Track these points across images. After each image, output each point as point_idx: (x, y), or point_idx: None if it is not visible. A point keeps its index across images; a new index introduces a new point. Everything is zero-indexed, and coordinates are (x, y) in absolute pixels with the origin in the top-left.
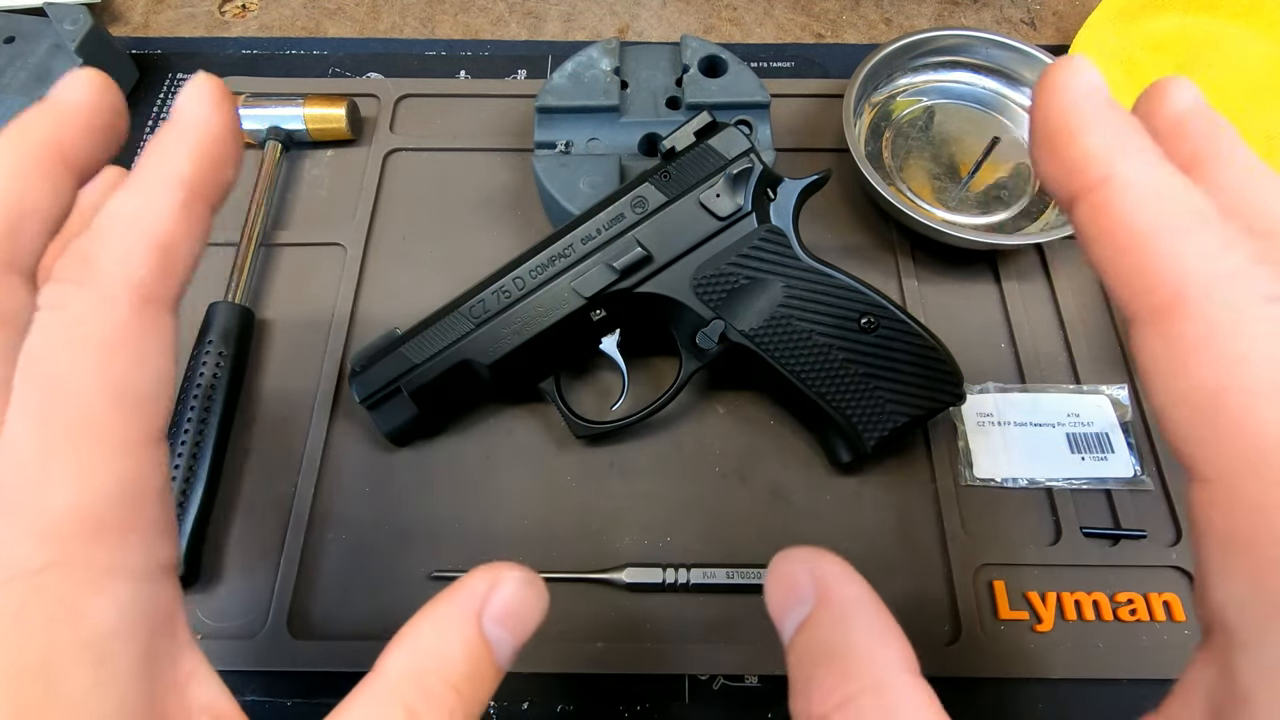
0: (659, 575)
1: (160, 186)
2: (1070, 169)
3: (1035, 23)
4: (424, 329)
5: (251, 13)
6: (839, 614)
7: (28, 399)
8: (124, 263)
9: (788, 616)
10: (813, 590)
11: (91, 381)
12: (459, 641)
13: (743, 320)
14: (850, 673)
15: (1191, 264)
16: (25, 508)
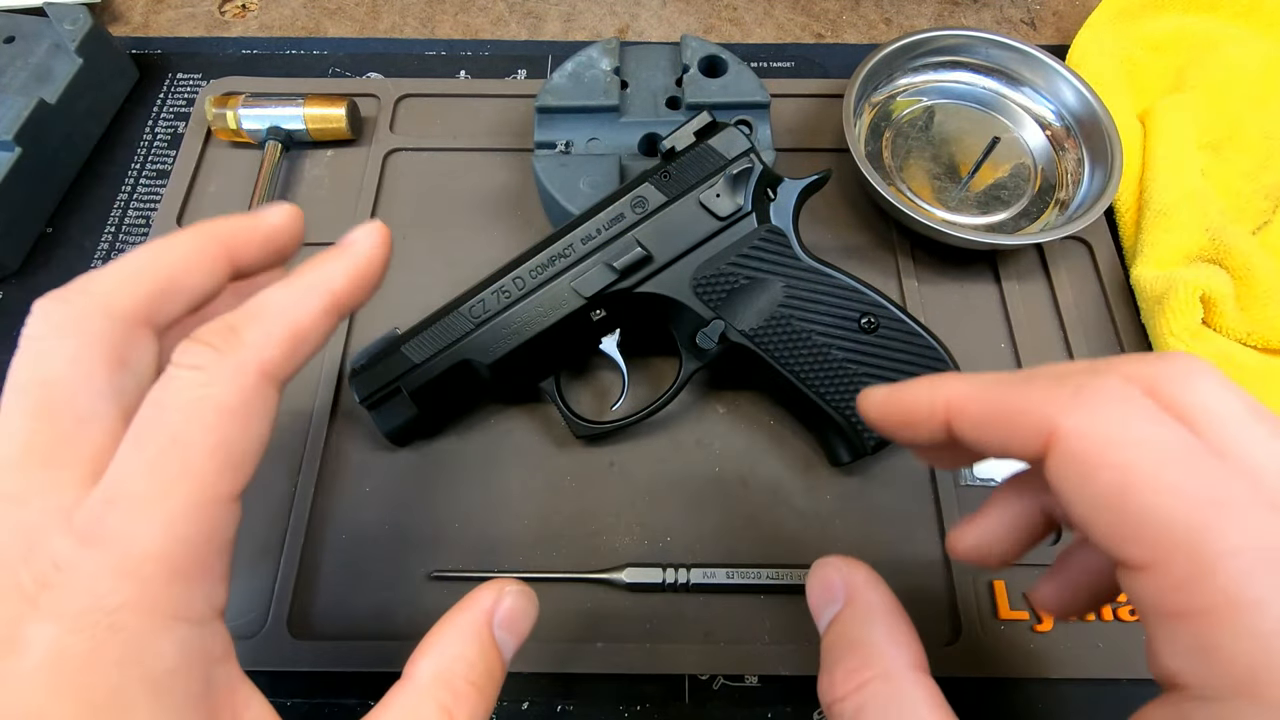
0: (659, 575)
1: (313, 291)
2: None
3: (1035, 23)
4: (424, 329)
5: (251, 13)
6: (863, 614)
7: (145, 441)
8: (263, 342)
9: (823, 612)
10: (844, 592)
11: (205, 437)
12: (476, 646)
13: (743, 320)
14: (866, 662)
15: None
16: (115, 544)
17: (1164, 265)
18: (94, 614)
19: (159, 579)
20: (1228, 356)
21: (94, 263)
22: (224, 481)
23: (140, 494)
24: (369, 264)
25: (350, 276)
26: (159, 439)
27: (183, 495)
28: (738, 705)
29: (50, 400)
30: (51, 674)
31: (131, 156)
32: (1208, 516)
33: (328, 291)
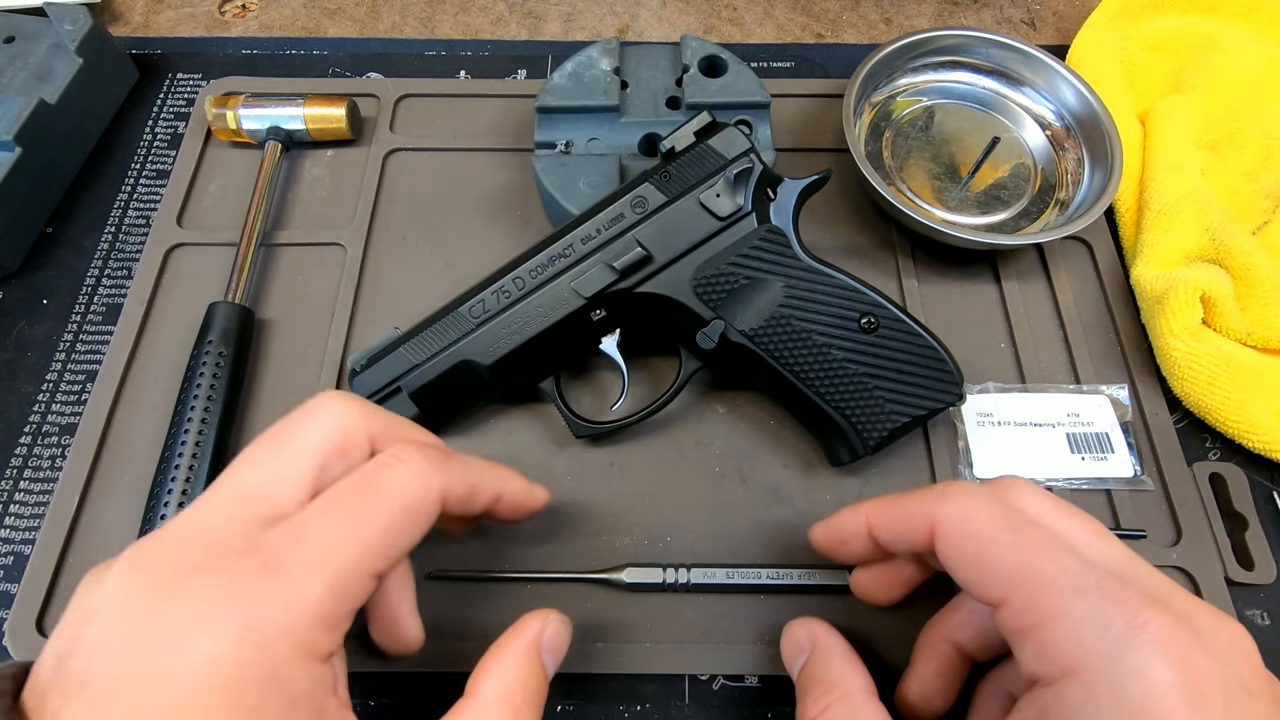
0: (659, 575)
1: (498, 478)
2: None
3: (1035, 23)
4: (424, 329)
5: (251, 13)
6: (824, 655)
7: (340, 503)
8: (457, 477)
9: (795, 662)
10: (809, 643)
11: (384, 519)
12: (529, 667)
13: (743, 320)
14: (828, 690)
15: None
16: (290, 578)
17: (1164, 265)
18: (257, 633)
19: (310, 619)
20: (1228, 356)
21: (94, 263)
22: (379, 559)
23: (324, 542)
24: (528, 500)
25: (517, 494)
26: (357, 503)
27: (350, 556)
28: (738, 705)
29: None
30: (208, 678)
31: (131, 156)
32: (1031, 559)
33: (500, 488)
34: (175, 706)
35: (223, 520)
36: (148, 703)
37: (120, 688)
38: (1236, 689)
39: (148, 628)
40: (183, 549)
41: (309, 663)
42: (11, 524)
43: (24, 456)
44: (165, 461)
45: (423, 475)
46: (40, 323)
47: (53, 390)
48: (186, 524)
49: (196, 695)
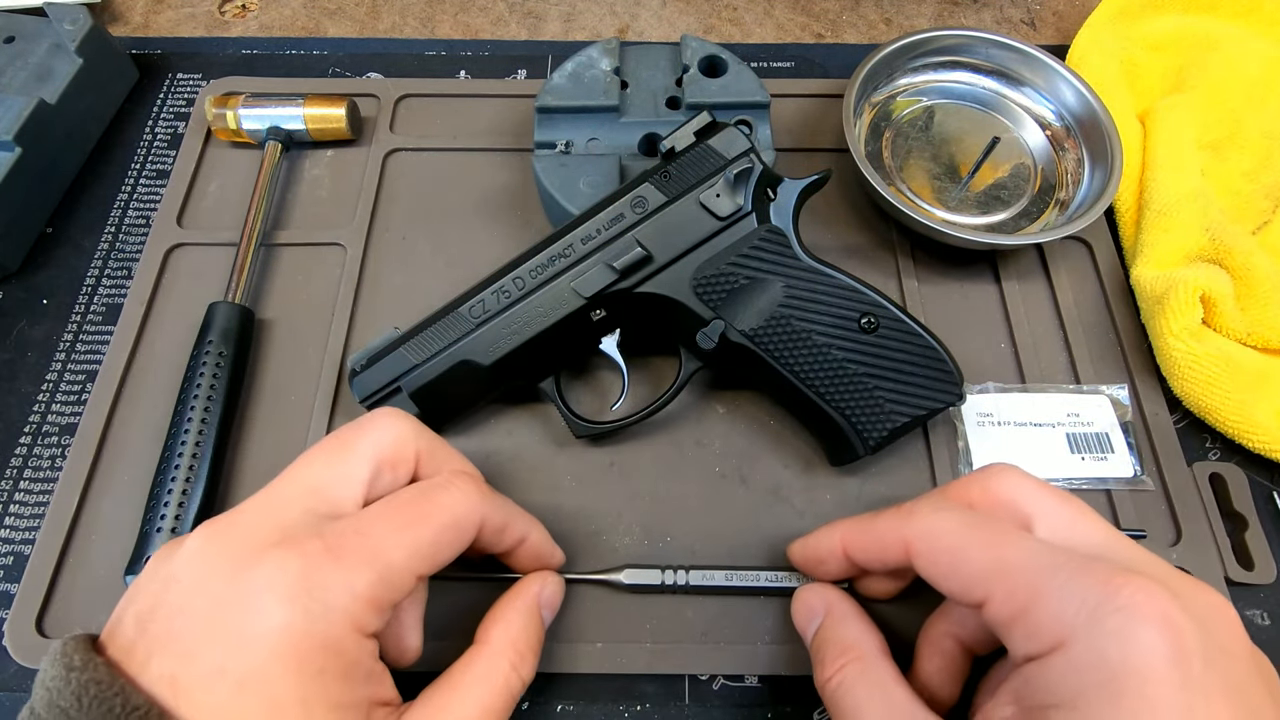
0: (658, 576)
1: (534, 530)
2: None
3: (1035, 23)
4: (424, 329)
5: (251, 13)
6: (840, 619)
7: (402, 509)
8: (494, 510)
9: (809, 626)
10: (823, 608)
11: (436, 529)
12: (531, 619)
13: (743, 320)
14: (844, 651)
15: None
16: (350, 563)
17: (1164, 265)
18: (321, 606)
19: (362, 601)
20: (1227, 356)
21: (94, 263)
22: (424, 563)
23: (382, 539)
24: (548, 554)
25: (540, 544)
26: (413, 512)
27: (402, 554)
28: (738, 705)
29: (379, 463)
30: (280, 641)
31: (131, 156)
32: (1001, 553)
33: (528, 533)
34: (253, 665)
35: (291, 509)
36: (229, 660)
37: (204, 645)
38: (1215, 650)
39: (227, 595)
40: (256, 528)
41: (359, 637)
42: (11, 524)
43: (24, 456)
44: (165, 461)
45: (472, 499)
46: (40, 323)
47: (53, 390)
48: (257, 509)
49: (271, 656)
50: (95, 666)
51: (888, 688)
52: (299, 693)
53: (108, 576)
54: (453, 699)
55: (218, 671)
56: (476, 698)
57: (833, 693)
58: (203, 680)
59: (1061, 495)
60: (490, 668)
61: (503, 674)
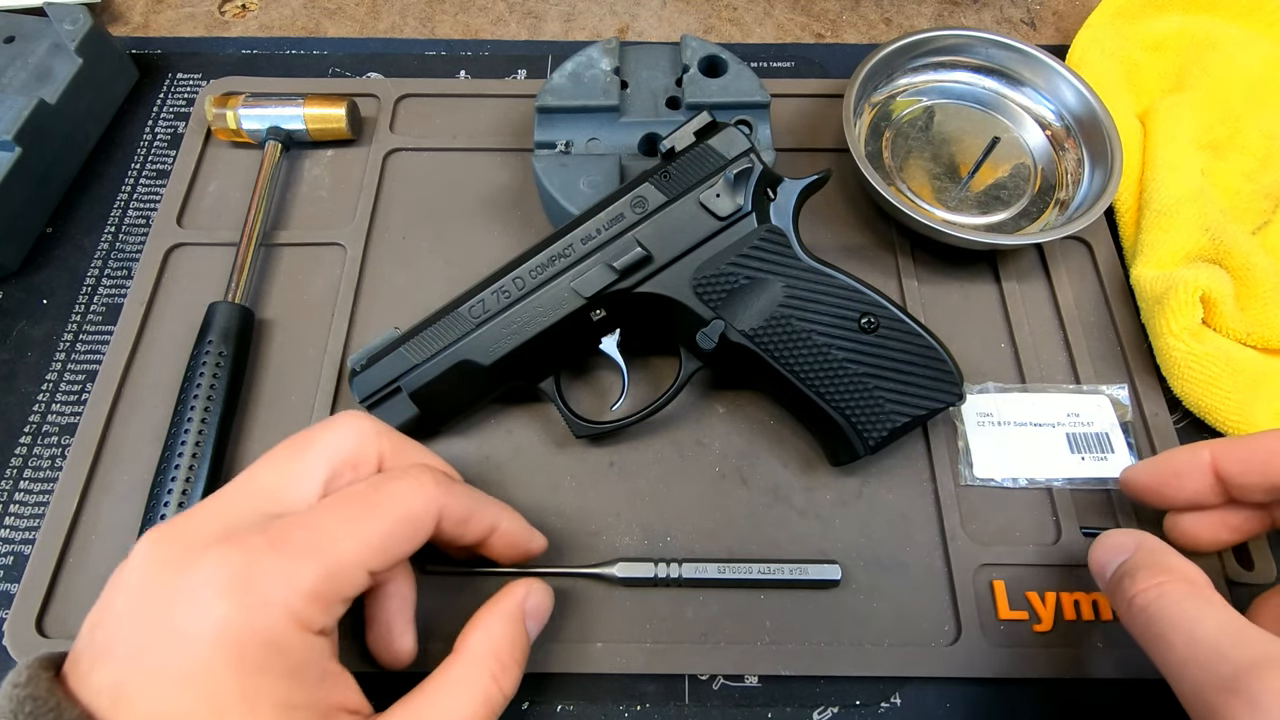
0: (650, 570)
1: (505, 517)
2: None
3: (1035, 23)
4: (424, 329)
5: (251, 13)
6: (1159, 549)
7: (351, 502)
8: (456, 500)
9: (1111, 561)
10: (1134, 544)
11: (387, 523)
12: (514, 629)
13: (743, 320)
14: (1167, 571)
15: None
16: (293, 557)
17: (1164, 265)
18: (260, 599)
19: (304, 595)
20: (1227, 356)
21: (94, 263)
22: (375, 557)
23: (328, 532)
24: (525, 541)
25: (513, 533)
26: (363, 504)
27: (350, 547)
28: (738, 705)
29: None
30: (219, 638)
31: (131, 156)
32: None
33: (497, 522)
34: (193, 662)
35: (240, 508)
36: (168, 661)
37: (143, 648)
38: None
39: (167, 594)
40: (202, 528)
41: (305, 634)
42: (11, 524)
43: (24, 456)
44: (165, 461)
45: (427, 490)
46: (40, 323)
47: (53, 390)
48: (204, 510)
49: (211, 654)
50: (37, 682)
51: (1224, 608)
52: (241, 688)
53: (107, 576)
54: (426, 711)
55: (158, 671)
56: (453, 709)
57: (1146, 606)
58: (144, 683)
59: None
60: (468, 677)
61: (481, 685)
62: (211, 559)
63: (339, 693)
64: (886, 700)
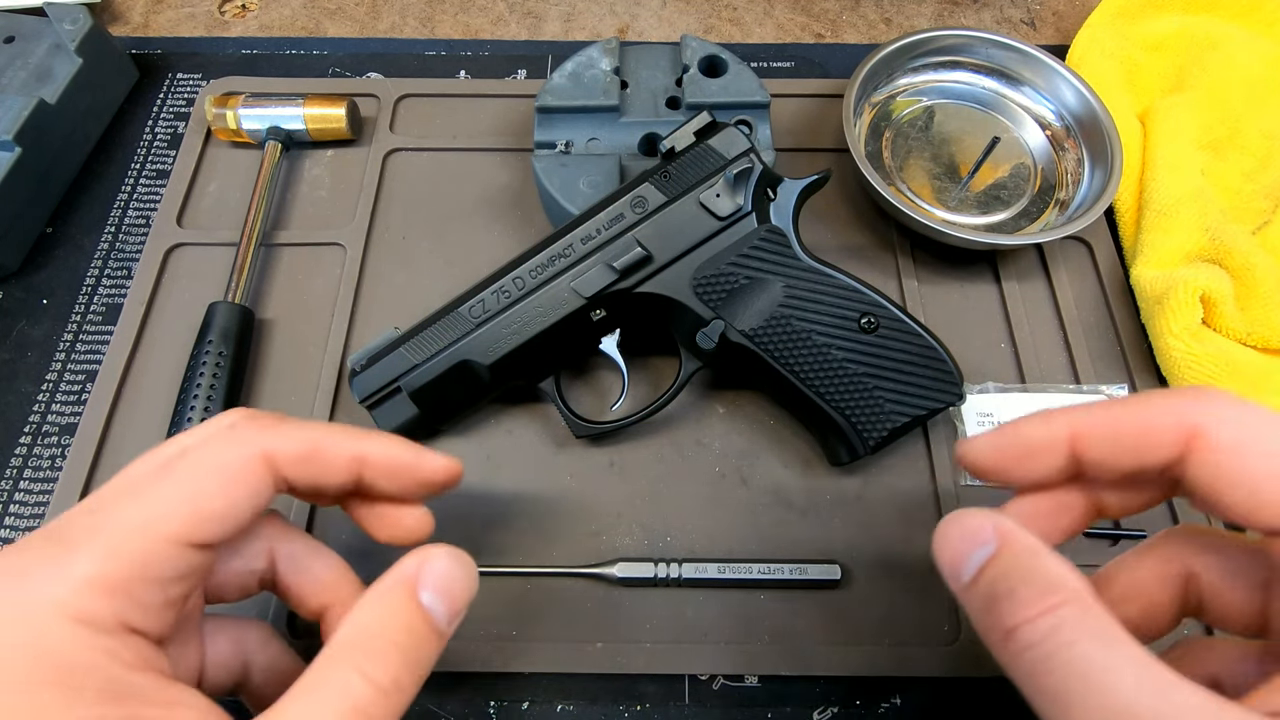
0: (650, 570)
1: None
2: None
3: (1035, 23)
4: (424, 329)
5: (251, 13)
6: (1028, 549)
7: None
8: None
9: (969, 557)
10: (995, 536)
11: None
12: (395, 609)
13: (743, 320)
14: (1052, 589)
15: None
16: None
17: (1164, 265)
18: (23, 603)
19: (79, 583)
20: (1227, 356)
21: (94, 263)
22: (184, 526)
23: (111, 510)
24: (412, 467)
25: (389, 458)
26: (153, 472)
27: (142, 519)
28: (738, 705)
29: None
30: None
31: (131, 156)
32: None
33: (360, 449)
34: None
35: (71, 513)
36: None
37: None
38: None
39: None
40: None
41: (84, 630)
42: (11, 524)
43: (24, 456)
44: None
45: (234, 436)
46: (40, 323)
47: (53, 390)
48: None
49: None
50: None
51: (1128, 644)
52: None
53: None
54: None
55: None
56: (304, 716)
57: (1034, 644)
58: None
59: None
60: (322, 675)
61: (339, 682)
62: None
63: (154, 712)
64: (886, 700)
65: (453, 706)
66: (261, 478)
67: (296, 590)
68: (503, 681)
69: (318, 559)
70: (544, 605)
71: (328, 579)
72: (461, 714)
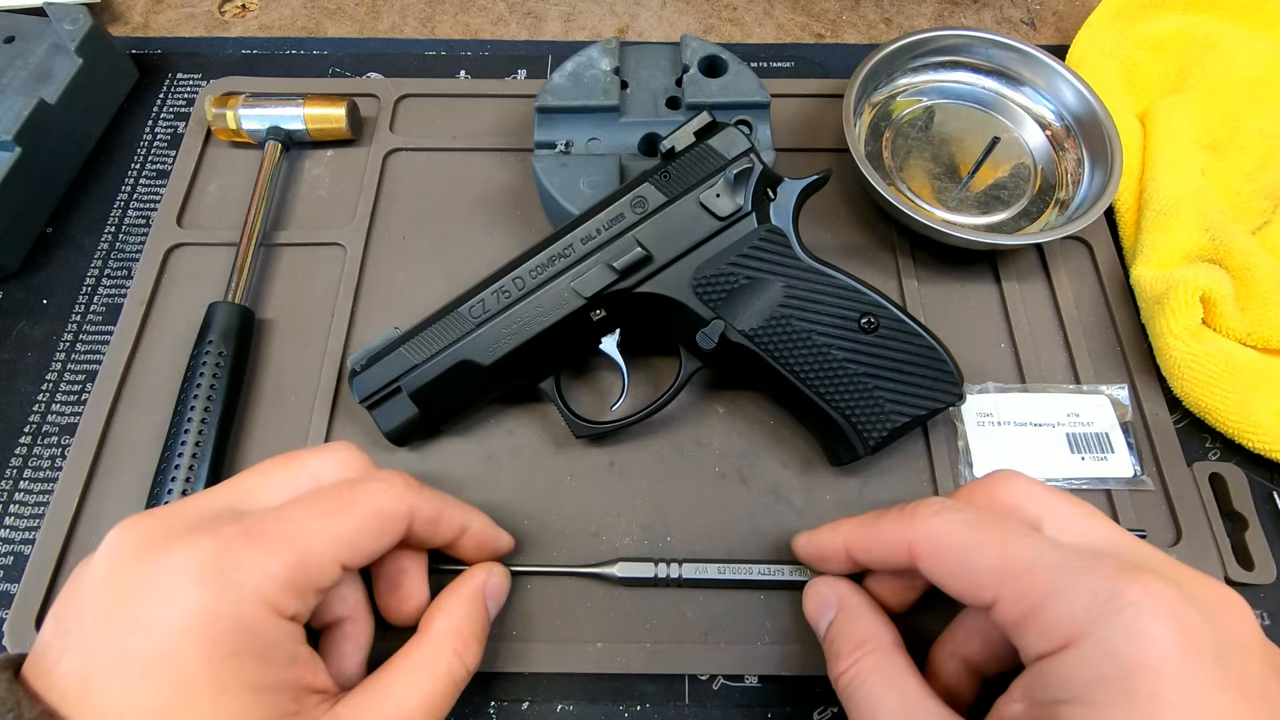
0: (651, 570)
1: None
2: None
3: (1035, 23)
4: (424, 329)
5: (251, 13)
6: (854, 612)
7: (325, 499)
8: (425, 504)
9: (822, 618)
10: (835, 601)
11: (355, 520)
12: (475, 609)
13: (743, 320)
14: (861, 643)
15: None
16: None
17: (1164, 265)
18: (232, 585)
19: (277, 582)
20: (1228, 356)
21: (94, 263)
22: (346, 551)
23: (301, 524)
24: (493, 541)
25: (483, 531)
26: (335, 501)
27: (321, 540)
28: (738, 705)
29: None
30: (191, 622)
31: (131, 156)
32: (1010, 551)
33: (468, 521)
34: (161, 647)
35: (213, 506)
36: (136, 644)
37: (112, 633)
38: (1227, 642)
39: (136, 582)
40: (171, 521)
41: (276, 618)
42: (11, 524)
43: (24, 456)
44: (165, 461)
45: (395, 491)
46: (40, 323)
47: (53, 390)
48: (182, 504)
49: (181, 637)
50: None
51: (903, 681)
52: (211, 673)
53: None
54: (394, 685)
55: (125, 658)
56: (418, 684)
57: (846, 686)
58: (110, 669)
59: (1067, 497)
60: (433, 655)
61: (445, 661)
62: (183, 547)
63: (308, 674)
64: None
65: (453, 706)
66: (401, 527)
67: (325, 599)
68: (503, 681)
69: (350, 578)
70: (544, 605)
71: (352, 599)
72: (461, 714)
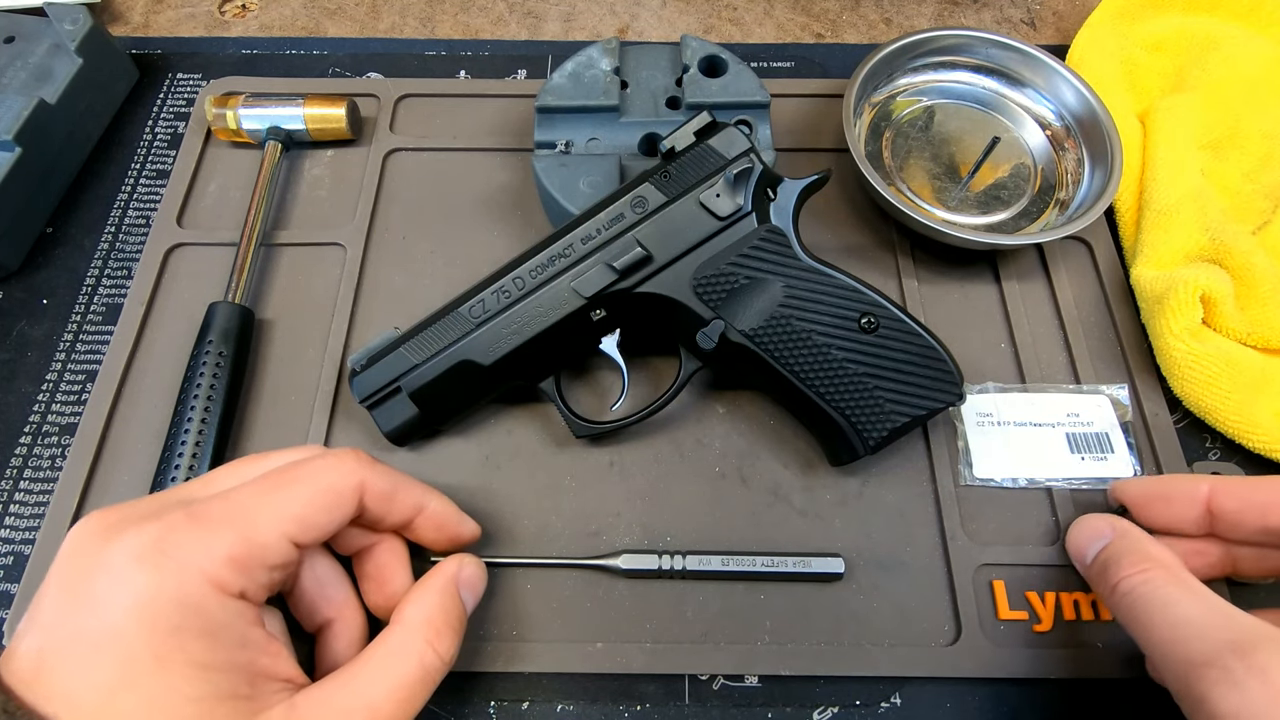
0: (654, 561)
1: (430, 510)
2: None
3: (1035, 23)
4: (424, 329)
5: (251, 13)
6: (1136, 537)
7: (271, 480)
8: (380, 480)
9: (1091, 546)
10: (1111, 531)
11: (302, 497)
12: (447, 599)
13: (743, 320)
14: (1147, 559)
15: None
16: (211, 527)
17: (1164, 265)
18: (175, 564)
19: (220, 559)
20: (1228, 356)
21: (94, 263)
22: (295, 527)
23: (244, 502)
24: (454, 525)
25: (441, 513)
26: (281, 478)
27: (267, 517)
28: (738, 705)
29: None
30: (136, 601)
31: (131, 156)
32: None
33: (423, 501)
34: (108, 625)
35: (175, 497)
36: (85, 627)
37: (64, 617)
38: None
39: (88, 566)
40: (130, 511)
41: (222, 596)
42: (11, 524)
43: (24, 456)
44: (165, 462)
45: (345, 465)
46: (40, 323)
47: (53, 390)
48: (145, 498)
49: (125, 618)
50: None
51: (1200, 589)
52: (153, 649)
53: None
54: (360, 674)
55: (76, 637)
56: (386, 673)
57: (1129, 592)
58: (62, 648)
59: None
60: (403, 644)
61: (416, 650)
62: (131, 532)
63: (264, 659)
64: (886, 700)
65: (453, 706)
66: (352, 502)
67: (310, 602)
68: (503, 681)
69: (335, 580)
70: (543, 605)
71: (339, 599)
72: (461, 714)
